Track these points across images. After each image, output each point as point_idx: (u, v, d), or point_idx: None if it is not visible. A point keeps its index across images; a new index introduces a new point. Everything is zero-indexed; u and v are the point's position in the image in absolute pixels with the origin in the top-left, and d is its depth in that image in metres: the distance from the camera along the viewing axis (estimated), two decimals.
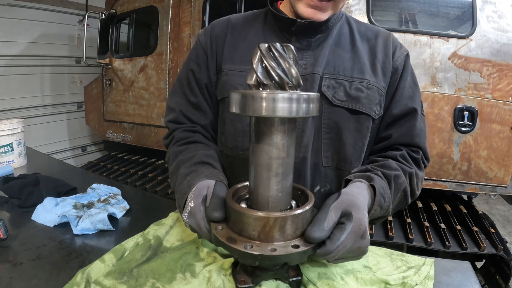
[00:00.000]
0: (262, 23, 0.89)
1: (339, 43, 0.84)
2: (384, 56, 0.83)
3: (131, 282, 0.63)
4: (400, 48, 0.86)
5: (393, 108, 0.83)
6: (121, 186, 1.17)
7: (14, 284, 0.66)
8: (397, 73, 0.84)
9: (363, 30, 0.87)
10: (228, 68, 0.85)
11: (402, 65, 0.84)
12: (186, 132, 0.88)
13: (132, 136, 3.26)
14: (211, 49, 0.89)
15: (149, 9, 2.98)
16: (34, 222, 0.93)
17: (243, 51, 0.85)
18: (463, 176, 2.15)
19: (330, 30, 0.84)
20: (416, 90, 0.85)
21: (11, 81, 3.32)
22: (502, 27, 2.01)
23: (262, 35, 0.86)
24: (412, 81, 0.85)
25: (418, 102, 0.84)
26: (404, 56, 0.85)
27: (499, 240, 1.93)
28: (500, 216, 3.86)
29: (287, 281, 0.62)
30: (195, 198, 0.63)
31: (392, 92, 0.84)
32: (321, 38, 0.83)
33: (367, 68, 0.82)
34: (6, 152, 1.43)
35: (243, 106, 0.50)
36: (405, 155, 0.81)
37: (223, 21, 0.92)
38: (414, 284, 0.64)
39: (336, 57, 0.82)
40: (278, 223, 0.53)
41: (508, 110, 2.03)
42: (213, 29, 0.91)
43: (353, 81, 0.80)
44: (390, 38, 0.86)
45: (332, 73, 0.80)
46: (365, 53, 0.83)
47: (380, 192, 0.68)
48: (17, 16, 3.27)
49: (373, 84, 0.81)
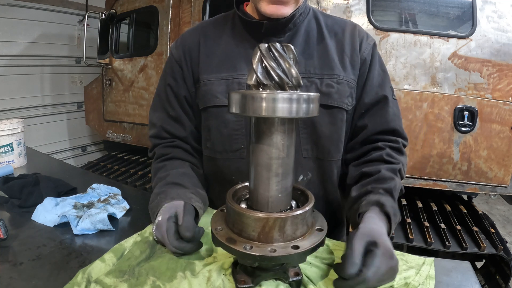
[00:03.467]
0: (231, 28, 0.90)
1: (308, 40, 0.86)
2: (352, 49, 0.86)
3: (132, 280, 0.63)
4: (367, 39, 0.89)
5: (364, 97, 0.87)
6: (121, 186, 1.17)
7: (14, 284, 0.66)
8: (366, 64, 0.87)
9: (330, 24, 0.89)
10: (205, 78, 0.88)
11: (370, 55, 0.87)
12: (166, 148, 0.94)
13: (132, 136, 3.26)
14: (185, 62, 0.90)
15: (149, 9, 2.98)
16: (34, 222, 0.93)
17: (218, 59, 0.87)
18: (463, 176, 2.15)
19: (297, 28, 0.86)
20: (385, 77, 0.89)
21: (11, 81, 3.32)
22: (502, 27, 2.01)
23: (233, 40, 0.88)
24: (381, 69, 0.89)
25: (388, 89, 0.88)
26: (371, 46, 0.88)
27: (499, 240, 1.93)
28: (500, 216, 3.86)
29: (287, 281, 0.62)
30: (163, 214, 0.72)
31: (363, 82, 0.87)
32: (289, 37, 0.85)
33: (336, 64, 0.85)
34: (6, 152, 1.43)
35: (243, 106, 0.50)
36: (389, 152, 0.84)
37: (194, 31, 0.94)
38: (417, 285, 0.64)
39: (306, 56, 0.85)
40: (278, 224, 0.53)
41: (508, 110, 2.03)
42: (184, 41, 0.92)
43: (323, 78, 0.84)
44: (356, 30, 0.88)
45: (304, 73, 0.84)
46: (334, 49, 0.86)
47: (394, 213, 0.71)
48: (17, 16, 3.26)
49: (343, 78, 0.84)
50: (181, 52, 0.91)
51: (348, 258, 0.57)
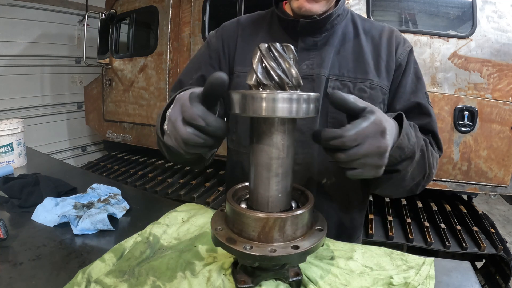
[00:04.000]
0: (268, 25, 0.90)
1: (344, 43, 0.85)
2: (388, 54, 0.84)
3: (132, 280, 0.63)
4: (404, 44, 0.87)
5: (396, 104, 0.85)
6: (121, 186, 1.17)
7: (14, 284, 0.66)
8: (400, 69, 0.85)
9: (367, 28, 0.88)
10: (239, 70, 0.88)
11: (405, 61, 0.85)
12: None
13: (132, 136, 3.26)
14: (223, 51, 0.91)
15: (149, 9, 2.98)
16: (34, 222, 0.93)
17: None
18: (463, 176, 2.15)
19: (334, 29, 0.85)
20: (419, 83, 0.86)
21: (11, 81, 3.32)
22: (502, 27, 2.01)
23: (270, 37, 0.88)
24: (415, 76, 0.86)
25: (422, 95, 0.85)
26: (407, 52, 0.86)
27: (499, 240, 1.93)
28: (500, 216, 3.86)
29: (287, 281, 0.62)
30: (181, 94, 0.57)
31: (395, 88, 0.85)
32: (326, 37, 0.84)
33: (371, 68, 0.83)
34: (6, 152, 1.43)
35: (243, 106, 0.50)
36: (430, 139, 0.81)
37: (233, 23, 0.94)
38: (417, 285, 0.64)
39: (341, 58, 0.83)
40: (278, 224, 0.53)
41: (508, 110, 2.03)
42: (224, 31, 0.93)
43: (356, 82, 0.82)
44: (393, 35, 0.87)
45: (338, 75, 0.82)
46: (369, 53, 0.84)
47: (407, 122, 0.64)
48: (17, 16, 3.26)
49: (376, 83, 0.82)
50: (220, 41, 0.91)
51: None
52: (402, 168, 0.66)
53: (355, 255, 0.73)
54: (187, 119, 0.50)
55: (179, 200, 2.36)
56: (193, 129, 0.50)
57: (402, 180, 0.71)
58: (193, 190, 2.62)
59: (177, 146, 0.54)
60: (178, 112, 0.52)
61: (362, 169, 0.56)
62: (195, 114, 0.49)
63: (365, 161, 0.55)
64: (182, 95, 0.55)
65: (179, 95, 0.56)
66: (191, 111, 0.49)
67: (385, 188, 0.75)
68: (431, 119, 0.84)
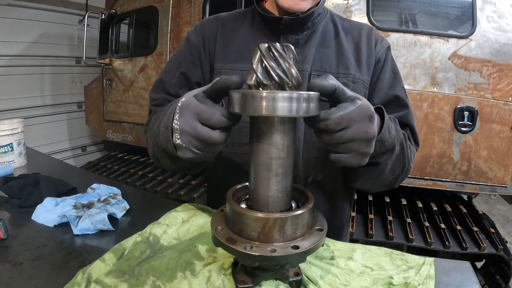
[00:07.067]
0: (250, 22, 0.91)
1: (324, 40, 0.87)
2: (368, 49, 0.87)
3: (132, 280, 0.63)
4: (382, 41, 0.90)
5: (374, 97, 0.87)
6: (121, 186, 1.17)
7: (14, 284, 0.66)
8: (379, 64, 0.87)
9: (347, 26, 0.91)
10: (220, 66, 0.88)
11: (384, 57, 0.88)
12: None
13: (132, 136, 3.26)
14: (204, 48, 0.90)
15: (149, 9, 2.98)
16: (34, 222, 0.92)
17: (234, 50, 0.88)
18: (463, 176, 2.15)
19: (315, 28, 0.87)
20: (396, 78, 0.89)
21: (11, 81, 3.32)
22: (502, 27, 2.01)
23: (251, 34, 0.89)
24: (393, 72, 0.89)
25: (400, 89, 0.88)
26: (385, 48, 0.89)
27: (499, 240, 1.94)
28: (500, 216, 3.86)
29: (287, 281, 0.62)
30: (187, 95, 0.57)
31: (374, 82, 0.87)
32: (307, 35, 0.86)
33: (352, 63, 0.85)
34: (6, 152, 1.43)
35: (243, 106, 0.50)
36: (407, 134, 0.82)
37: (212, 20, 0.94)
38: (417, 285, 0.64)
39: (322, 55, 0.86)
40: (278, 224, 0.53)
41: (508, 110, 2.03)
42: (204, 27, 0.93)
43: (339, 76, 0.84)
44: (372, 33, 0.90)
45: (319, 70, 0.85)
46: (350, 49, 0.87)
47: (388, 116, 0.65)
48: (17, 16, 3.26)
49: (358, 78, 0.85)
50: (201, 38, 0.91)
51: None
52: (382, 161, 0.67)
53: (355, 255, 0.73)
54: (217, 124, 0.53)
55: (179, 200, 2.36)
56: (219, 130, 0.54)
57: (381, 174, 0.72)
58: (193, 190, 2.63)
59: (202, 155, 0.56)
60: (194, 119, 0.53)
61: (347, 155, 0.56)
62: (220, 117, 0.53)
63: (351, 146, 0.55)
64: (188, 103, 0.54)
65: (183, 103, 0.55)
66: (216, 117, 0.53)
67: (365, 180, 0.76)
68: (408, 110, 0.86)
